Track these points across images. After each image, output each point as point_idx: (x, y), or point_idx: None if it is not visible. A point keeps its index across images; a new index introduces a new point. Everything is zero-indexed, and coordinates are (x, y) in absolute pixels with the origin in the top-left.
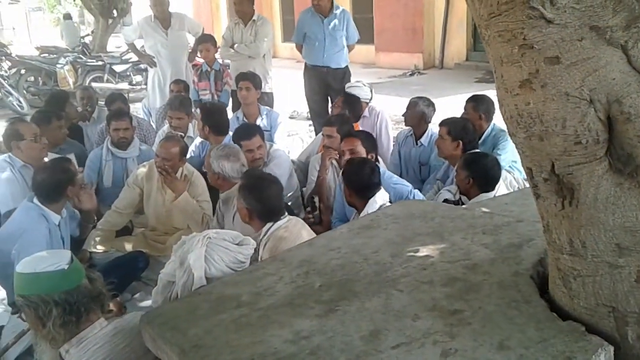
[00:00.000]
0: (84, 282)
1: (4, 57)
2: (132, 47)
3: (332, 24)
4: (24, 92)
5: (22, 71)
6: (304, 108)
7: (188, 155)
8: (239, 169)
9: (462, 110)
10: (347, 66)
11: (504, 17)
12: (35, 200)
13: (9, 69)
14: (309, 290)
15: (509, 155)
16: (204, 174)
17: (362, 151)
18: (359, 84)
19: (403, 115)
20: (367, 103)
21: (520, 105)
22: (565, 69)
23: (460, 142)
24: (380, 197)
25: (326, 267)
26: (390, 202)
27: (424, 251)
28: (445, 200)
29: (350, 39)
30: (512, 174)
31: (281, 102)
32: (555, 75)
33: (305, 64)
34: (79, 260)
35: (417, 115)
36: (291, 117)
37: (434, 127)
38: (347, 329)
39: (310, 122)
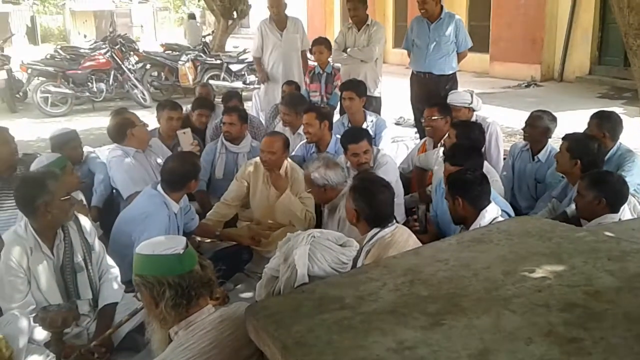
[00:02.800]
0: (196, 268)
1: (132, 52)
2: (256, 60)
3: (438, 30)
4: (148, 85)
5: (148, 66)
6: (410, 115)
7: (292, 153)
8: (343, 172)
9: (582, 127)
10: (453, 74)
11: None
12: (159, 187)
13: (136, 63)
14: (414, 299)
15: (634, 178)
16: None
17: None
18: (457, 90)
19: (523, 130)
20: (470, 109)
21: None
22: None
23: (579, 162)
24: (491, 210)
25: (432, 278)
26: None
27: (539, 272)
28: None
29: (462, 46)
30: (637, 197)
31: (388, 108)
32: None
33: (412, 70)
34: None
35: (539, 129)
36: (397, 124)
37: (553, 143)
38: (453, 345)
39: (416, 129)
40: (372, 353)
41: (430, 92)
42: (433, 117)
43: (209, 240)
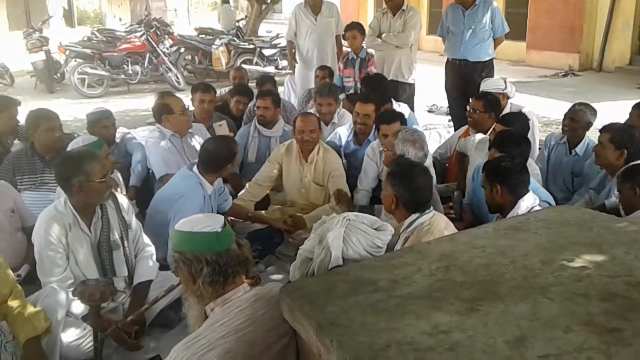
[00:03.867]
0: (233, 246)
1: (167, 36)
2: (289, 44)
3: (473, 16)
4: (182, 69)
5: (182, 50)
6: (443, 102)
7: (329, 138)
8: (422, 158)
9: (621, 119)
10: (489, 61)
11: None
12: (195, 169)
13: (170, 46)
14: (449, 285)
15: None
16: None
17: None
18: (491, 78)
19: (563, 122)
20: (504, 96)
21: None
22: None
23: (625, 152)
24: (528, 199)
25: (468, 265)
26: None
27: (579, 262)
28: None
29: (498, 31)
30: None
31: (421, 95)
32: None
33: (447, 57)
34: None
35: (580, 124)
36: (430, 111)
37: (590, 136)
38: (489, 331)
39: (450, 117)
40: (407, 336)
41: (466, 80)
42: (477, 111)
43: (241, 222)
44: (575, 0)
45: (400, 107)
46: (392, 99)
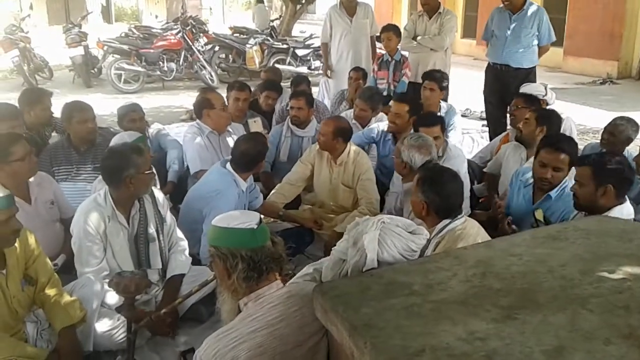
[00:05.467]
0: (268, 243)
1: (202, 34)
2: (323, 46)
3: (519, 21)
4: (216, 67)
5: (216, 48)
6: (477, 107)
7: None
8: (429, 161)
9: None
10: (532, 68)
11: None
12: (228, 166)
13: (205, 44)
14: (486, 291)
15: None
16: None
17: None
18: (531, 84)
19: (602, 136)
20: (543, 102)
21: None
22: None
23: None
24: (628, 208)
25: (505, 272)
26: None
27: (619, 273)
28: None
29: (544, 39)
30: None
31: (455, 99)
32: None
33: (488, 62)
34: None
35: (620, 139)
36: (463, 115)
37: (629, 148)
38: (526, 340)
39: (484, 122)
40: (442, 341)
41: (505, 85)
42: (518, 106)
43: (271, 220)
44: (615, 7)
45: (443, 104)
46: None
